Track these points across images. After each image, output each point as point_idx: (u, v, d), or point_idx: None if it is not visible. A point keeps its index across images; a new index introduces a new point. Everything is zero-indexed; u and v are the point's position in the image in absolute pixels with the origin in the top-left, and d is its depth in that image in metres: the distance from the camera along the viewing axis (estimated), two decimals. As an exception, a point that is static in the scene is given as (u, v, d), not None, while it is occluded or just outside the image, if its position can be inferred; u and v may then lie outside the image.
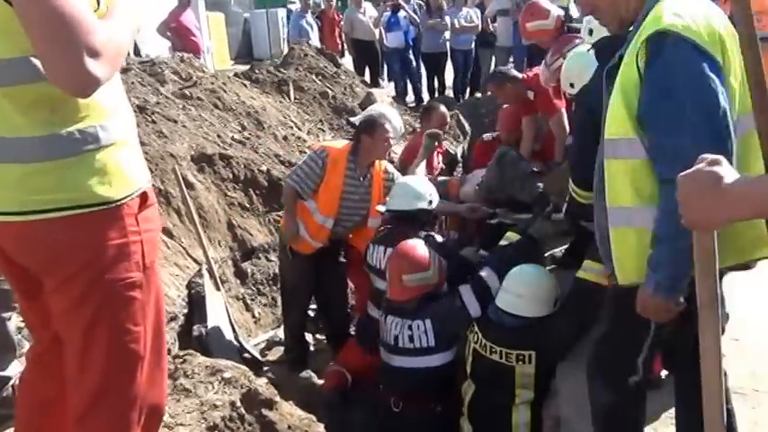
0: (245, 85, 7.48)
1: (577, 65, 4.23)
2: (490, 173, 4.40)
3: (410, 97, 11.74)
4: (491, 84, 5.24)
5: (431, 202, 4.41)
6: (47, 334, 1.99)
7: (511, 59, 11.20)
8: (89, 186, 1.75)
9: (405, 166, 5.35)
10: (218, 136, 6.15)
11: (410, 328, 3.79)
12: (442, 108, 5.59)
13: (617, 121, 2.02)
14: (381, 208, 4.60)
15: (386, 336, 3.92)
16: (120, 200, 1.80)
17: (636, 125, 1.98)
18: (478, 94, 11.45)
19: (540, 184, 4.28)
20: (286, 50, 18.11)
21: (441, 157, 5.84)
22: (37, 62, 1.61)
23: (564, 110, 4.92)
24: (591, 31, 4.83)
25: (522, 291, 3.50)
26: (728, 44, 1.94)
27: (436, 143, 5.35)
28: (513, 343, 3.42)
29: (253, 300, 5.91)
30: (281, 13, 19.02)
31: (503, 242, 4.03)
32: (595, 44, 3.63)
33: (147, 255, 1.89)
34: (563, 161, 4.46)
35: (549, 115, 5.02)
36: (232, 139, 6.25)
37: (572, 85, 4.28)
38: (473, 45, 11.21)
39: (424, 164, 5.18)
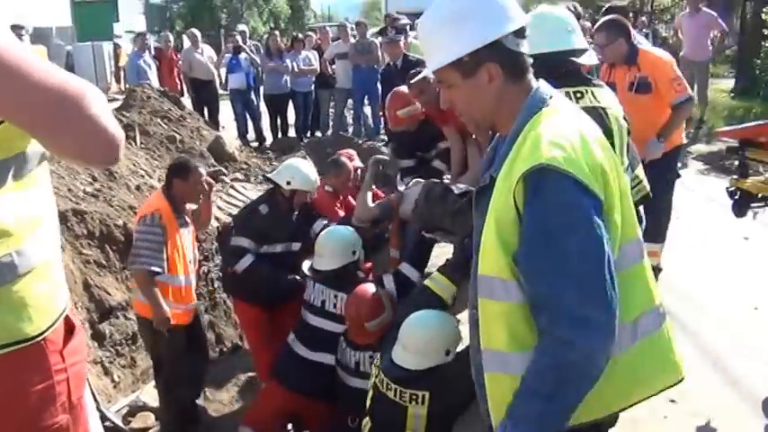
0: (92, 132, 6.68)
1: None
2: (420, 206, 4.06)
3: (251, 135, 11.32)
4: (409, 88, 4.80)
5: (355, 252, 4.10)
6: None
7: (350, 101, 11.21)
8: (6, 325, 1.43)
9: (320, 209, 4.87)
10: (69, 190, 5.39)
11: (363, 356, 3.80)
12: (350, 164, 5.11)
13: (492, 259, 1.68)
14: (306, 267, 4.16)
15: (346, 360, 3.87)
16: (42, 333, 1.48)
17: (512, 266, 1.65)
18: (319, 133, 11.32)
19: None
20: (114, 86, 17.14)
21: None
22: None
23: None
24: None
25: (408, 343, 3.15)
26: (608, 167, 1.66)
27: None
28: (407, 384, 3.12)
29: (111, 362, 5.23)
30: (107, 46, 17.82)
31: (426, 282, 3.79)
32: None
33: (73, 392, 1.59)
34: None
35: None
36: (84, 192, 5.51)
37: None
38: (312, 87, 11.06)
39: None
